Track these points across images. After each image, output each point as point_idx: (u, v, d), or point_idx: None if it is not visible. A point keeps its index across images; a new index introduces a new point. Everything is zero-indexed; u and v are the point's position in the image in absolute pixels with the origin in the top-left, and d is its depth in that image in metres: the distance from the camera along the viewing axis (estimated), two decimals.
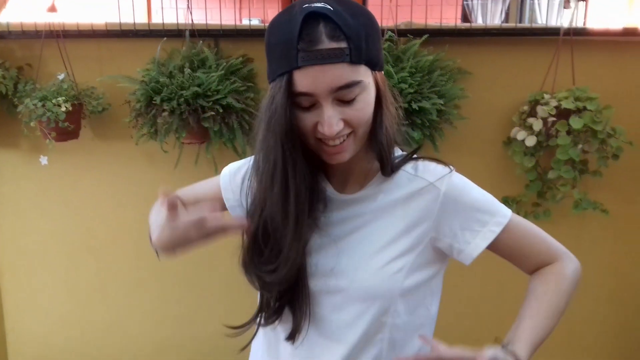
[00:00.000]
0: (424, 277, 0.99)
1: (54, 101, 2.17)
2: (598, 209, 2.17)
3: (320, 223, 0.96)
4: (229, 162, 2.37)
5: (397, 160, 0.98)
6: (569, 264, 1.01)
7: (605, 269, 2.46)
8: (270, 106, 0.86)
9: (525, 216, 2.34)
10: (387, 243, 0.96)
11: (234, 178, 1.11)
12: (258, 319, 1.01)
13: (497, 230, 0.96)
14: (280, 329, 1.02)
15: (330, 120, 0.84)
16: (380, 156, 0.94)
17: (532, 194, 2.29)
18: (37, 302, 2.71)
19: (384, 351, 0.99)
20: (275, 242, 0.93)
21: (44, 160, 2.38)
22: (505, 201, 2.37)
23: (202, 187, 1.17)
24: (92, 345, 2.74)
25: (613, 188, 2.33)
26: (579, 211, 2.17)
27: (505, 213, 0.97)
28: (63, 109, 2.17)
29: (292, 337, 0.98)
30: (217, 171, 2.40)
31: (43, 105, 2.16)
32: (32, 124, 2.21)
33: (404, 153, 1.01)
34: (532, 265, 1.02)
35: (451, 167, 0.99)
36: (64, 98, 2.19)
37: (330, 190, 0.99)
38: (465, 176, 1.00)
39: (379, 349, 0.98)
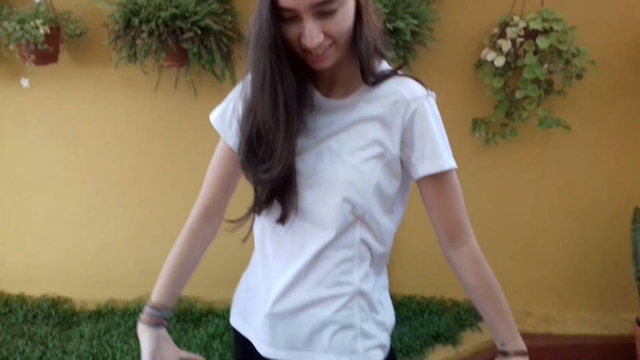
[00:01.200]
0: (395, 184, 1.09)
1: (32, 23, 2.18)
2: (561, 125, 2.29)
3: (308, 126, 1.06)
4: (209, 86, 2.47)
5: (382, 74, 1.07)
6: (477, 246, 1.11)
7: (567, 185, 2.61)
8: (257, 21, 0.96)
9: (494, 136, 2.47)
10: (364, 146, 1.05)
11: (224, 115, 1.17)
12: (252, 209, 1.11)
13: (435, 170, 1.04)
14: (271, 217, 1.12)
15: (311, 33, 0.93)
16: (360, 64, 1.03)
17: (501, 114, 2.40)
18: (24, 225, 2.78)
19: (356, 245, 1.10)
20: (267, 144, 1.03)
21: (25, 82, 2.39)
22: (475, 122, 2.48)
23: (215, 166, 1.21)
24: (81, 267, 2.84)
25: (576, 108, 2.44)
26: (543, 128, 2.29)
27: (450, 162, 1.05)
28: (41, 31, 2.18)
29: (281, 221, 1.09)
30: (196, 95, 2.46)
31: (21, 28, 2.17)
32: (10, 47, 2.22)
33: (391, 68, 1.09)
34: (443, 223, 1.09)
35: (430, 92, 1.07)
36: (41, 21, 2.20)
37: (317, 95, 1.08)
38: (437, 98, 1.08)
39: (352, 240, 1.09)
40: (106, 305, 2.81)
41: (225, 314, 2.73)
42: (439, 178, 1.06)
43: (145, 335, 1.14)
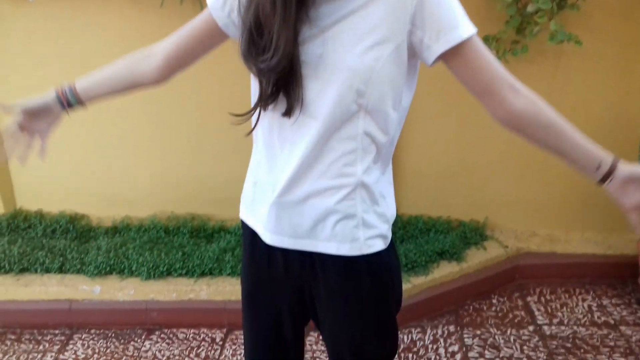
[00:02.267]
0: (401, 71, 1.09)
1: None
2: (572, 40, 2.26)
3: (310, 16, 1.06)
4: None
5: None
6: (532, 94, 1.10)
7: (577, 104, 2.60)
8: None
9: (504, 54, 2.44)
10: (368, 31, 1.05)
11: None
12: (258, 103, 1.13)
13: (454, 42, 1.02)
14: (277, 112, 1.14)
15: None
16: None
17: (512, 30, 2.36)
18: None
19: (359, 137, 1.12)
20: (267, 33, 1.03)
21: None
22: (486, 39, 2.44)
23: (186, 28, 1.22)
24: (95, 186, 2.92)
25: (590, 24, 2.39)
26: (554, 42, 2.26)
27: (467, 30, 1.03)
28: None
29: (287, 114, 1.11)
30: (202, 9, 2.44)
31: None
32: None
33: None
34: (487, 87, 1.06)
35: None
36: None
37: None
38: None
39: (355, 132, 1.11)
40: (122, 222, 2.90)
41: (236, 231, 2.81)
42: (462, 49, 1.04)
43: (42, 96, 1.35)
